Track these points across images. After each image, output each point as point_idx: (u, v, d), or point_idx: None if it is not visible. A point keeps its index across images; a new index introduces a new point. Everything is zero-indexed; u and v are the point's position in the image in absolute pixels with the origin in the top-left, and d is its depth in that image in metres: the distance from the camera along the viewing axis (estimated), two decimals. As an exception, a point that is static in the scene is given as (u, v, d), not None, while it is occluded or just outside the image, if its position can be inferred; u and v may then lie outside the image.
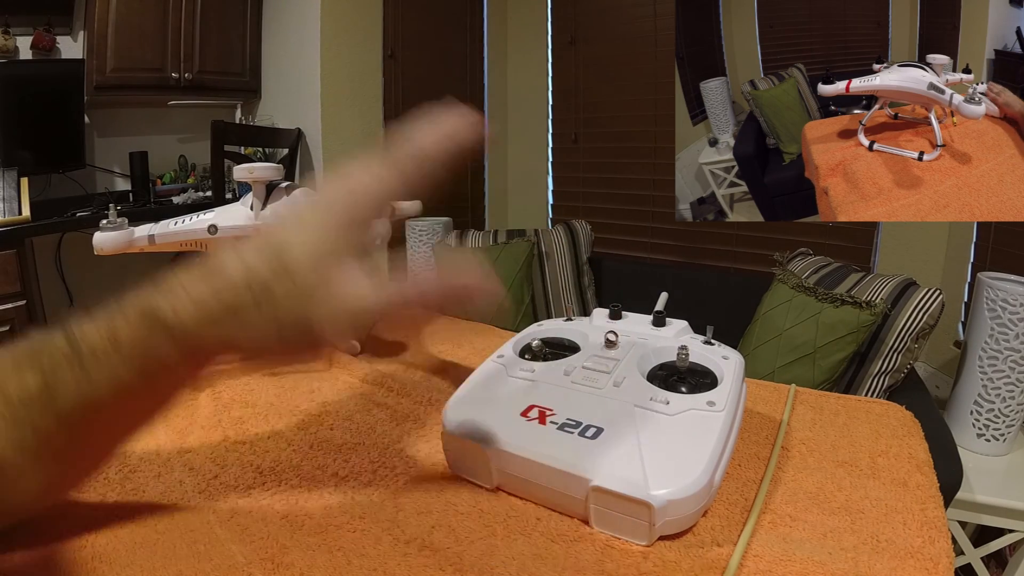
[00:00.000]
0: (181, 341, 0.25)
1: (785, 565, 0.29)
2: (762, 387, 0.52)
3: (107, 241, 0.54)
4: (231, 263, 0.25)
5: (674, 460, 0.31)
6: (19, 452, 0.26)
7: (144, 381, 0.26)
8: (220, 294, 0.25)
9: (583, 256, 2.06)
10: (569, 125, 2.64)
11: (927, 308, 1.23)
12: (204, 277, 0.25)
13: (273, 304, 0.24)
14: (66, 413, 0.26)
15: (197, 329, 0.25)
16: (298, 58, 2.49)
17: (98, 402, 0.26)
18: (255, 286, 0.24)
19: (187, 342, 0.25)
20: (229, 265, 0.25)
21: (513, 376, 0.40)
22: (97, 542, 0.31)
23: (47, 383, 0.26)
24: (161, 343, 0.25)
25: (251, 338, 0.25)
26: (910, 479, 0.37)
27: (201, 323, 0.25)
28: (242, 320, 0.25)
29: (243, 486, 0.36)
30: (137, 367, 0.26)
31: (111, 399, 0.26)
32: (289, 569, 0.29)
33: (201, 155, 2.66)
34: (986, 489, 1.13)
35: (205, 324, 0.25)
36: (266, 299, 0.24)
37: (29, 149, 2.09)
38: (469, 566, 0.29)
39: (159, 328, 0.25)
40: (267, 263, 0.25)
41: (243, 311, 0.24)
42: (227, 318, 0.25)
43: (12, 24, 2.12)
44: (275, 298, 0.24)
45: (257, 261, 0.25)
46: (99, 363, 0.26)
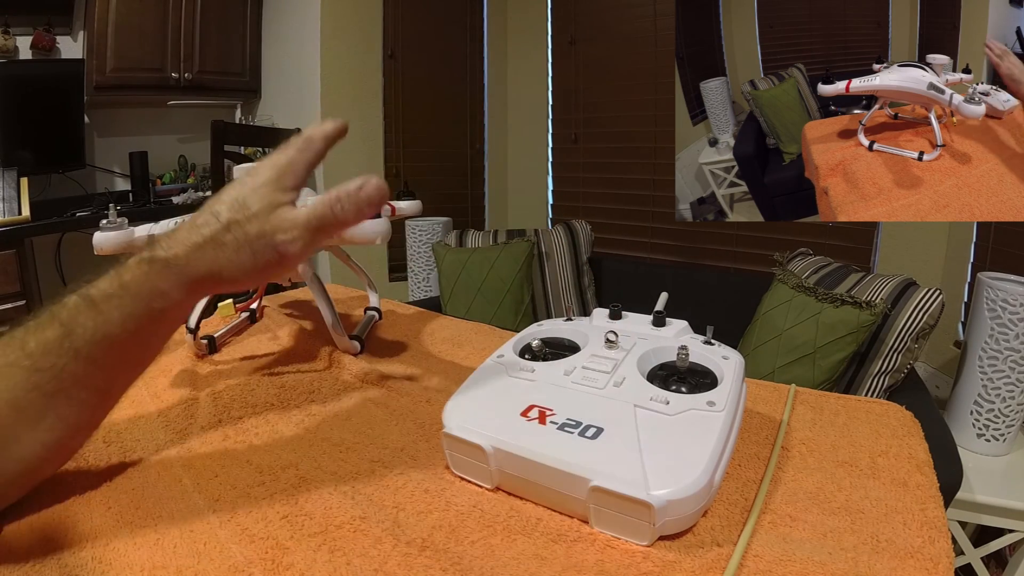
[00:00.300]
0: (176, 270, 0.33)
1: (785, 565, 0.29)
2: (762, 387, 0.52)
3: (107, 241, 0.54)
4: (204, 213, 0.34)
5: (674, 460, 0.31)
6: (37, 392, 0.31)
7: (150, 313, 0.33)
8: (200, 230, 0.33)
9: (583, 256, 2.06)
10: (569, 125, 2.64)
11: (927, 308, 1.23)
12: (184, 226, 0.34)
13: (242, 231, 0.33)
14: (83, 350, 0.32)
15: (187, 259, 0.33)
16: (298, 58, 2.49)
17: (111, 337, 0.32)
18: (225, 223, 0.33)
19: (181, 271, 0.33)
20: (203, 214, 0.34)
21: (513, 376, 0.40)
22: (97, 542, 0.31)
23: (66, 330, 0.31)
24: (161, 276, 0.33)
25: (231, 260, 0.33)
26: (910, 479, 0.37)
27: (189, 254, 0.33)
28: (221, 247, 0.33)
29: (243, 486, 0.36)
30: (144, 300, 0.33)
31: (123, 333, 0.33)
32: (289, 569, 0.29)
33: (201, 155, 2.66)
34: (986, 489, 1.13)
35: (193, 254, 0.33)
36: (235, 229, 0.33)
37: (29, 149, 2.09)
38: (469, 566, 0.29)
39: (157, 264, 0.33)
40: (230, 207, 0.34)
41: (221, 241, 0.33)
42: (209, 247, 0.33)
43: (12, 24, 2.12)
44: (242, 227, 0.33)
45: (222, 208, 0.34)
46: (110, 303, 0.32)
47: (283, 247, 0.33)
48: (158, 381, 0.53)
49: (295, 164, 0.36)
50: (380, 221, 0.49)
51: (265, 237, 0.33)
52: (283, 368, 0.56)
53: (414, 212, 0.69)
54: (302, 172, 0.36)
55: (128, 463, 0.39)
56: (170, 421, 0.45)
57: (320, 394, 0.50)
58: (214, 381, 0.52)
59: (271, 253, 0.33)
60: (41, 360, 0.31)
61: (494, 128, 2.88)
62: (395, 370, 0.56)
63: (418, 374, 0.56)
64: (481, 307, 1.86)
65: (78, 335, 0.31)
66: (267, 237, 0.33)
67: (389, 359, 0.59)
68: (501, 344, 0.45)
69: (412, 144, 2.66)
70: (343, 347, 0.59)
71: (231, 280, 0.34)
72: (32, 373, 0.31)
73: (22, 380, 0.31)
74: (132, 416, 0.46)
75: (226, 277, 0.34)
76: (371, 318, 0.68)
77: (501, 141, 2.92)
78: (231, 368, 0.56)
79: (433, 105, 2.70)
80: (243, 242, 0.33)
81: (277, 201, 0.34)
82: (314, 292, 0.57)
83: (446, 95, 2.73)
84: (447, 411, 0.38)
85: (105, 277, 0.33)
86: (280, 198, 0.34)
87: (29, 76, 2.12)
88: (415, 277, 2.17)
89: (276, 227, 0.33)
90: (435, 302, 1.97)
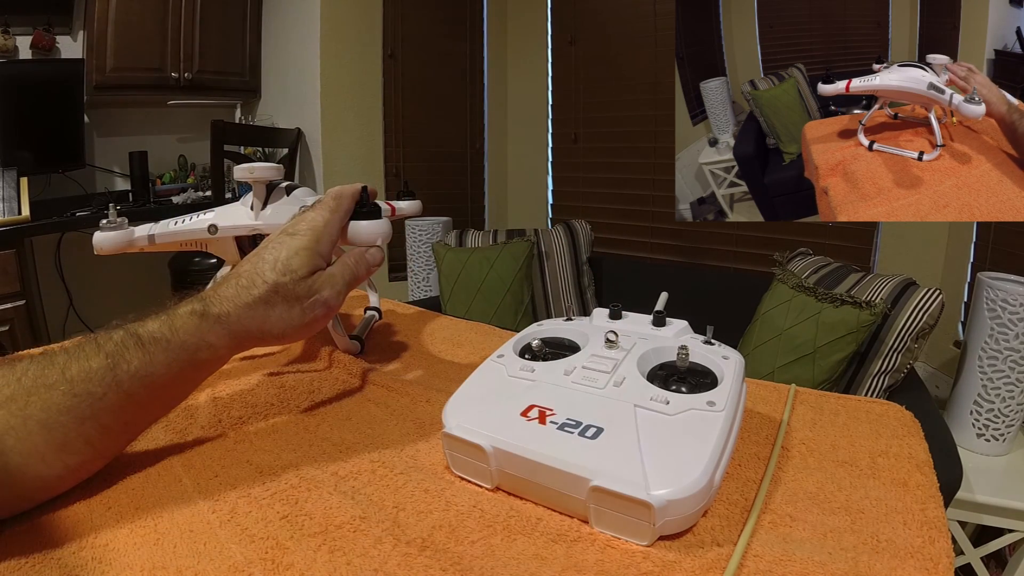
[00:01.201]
0: (226, 327, 0.36)
1: (785, 565, 0.29)
2: (762, 387, 0.52)
3: (107, 241, 0.54)
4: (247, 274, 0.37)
5: (674, 460, 0.31)
6: (70, 416, 0.32)
7: (194, 362, 0.36)
8: (250, 291, 0.37)
9: (583, 256, 2.07)
10: (569, 125, 2.64)
11: (927, 308, 1.23)
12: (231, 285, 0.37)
13: (291, 292, 0.37)
14: (125, 384, 0.33)
15: (238, 317, 0.36)
16: (298, 58, 2.49)
17: (154, 376, 0.34)
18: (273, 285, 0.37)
19: (231, 328, 0.36)
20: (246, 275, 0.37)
21: (513, 376, 0.40)
22: (97, 542, 0.31)
23: (111, 362, 0.33)
24: (211, 331, 0.36)
25: (281, 318, 0.37)
26: (910, 479, 0.37)
27: (241, 313, 0.36)
28: (272, 307, 0.37)
29: (243, 486, 0.36)
30: (191, 350, 0.35)
31: (166, 376, 0.35)
32: (289, 569, 0.29)
33: (201, 155, 2.66)
34: (986, 489, 1.13)
35: (244, 313, 0.36)
36: (283, 291, 0.37)
37: (29, 149, 2.09)
38: (469, 566, 0.29)
39: (209, 320, 0.36)
40: (274, 270, 0.37)
41: (271, 302, 0.37)
42: (260, 307, 0.37)
43: (12, 24, 2.12)
44: (290, 289, 0.37)
45: (266, 269, 0.37)
46: (158, 346, 0.34)
47: (329, 301, 0.39)
48: (158, 381, 0.53)
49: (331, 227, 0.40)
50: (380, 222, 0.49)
51: (312, 296, 0.38)
52: (283, 368, 0.56)
53: (414, 212, 0.69)
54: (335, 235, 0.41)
55: (128, 463, 0.39)
56: (170, 421, 0.45)
57: (320, 394, 0.50)
58: (214, 381, 0.52)
59: (320, 309, 0.38)
60: (80, 386, 0.32)
61: (494, 128, 2.88)
62: (395, 370, 0.56)
63: (418, 374, 0.56)
64: (481, 307, 1.86)
65: (122, 369, 0.33)
66: (314, 296, 0.38)
67: (389, 359, 0.59)
68: (501, 344, 0.45)
69: (412, 144, 2.66)
70: (343, 347, 0.59)
71: (279, 336, 0.38)
72: (69, 398, 0.32)
73: (58, 403, 0.31)
74: (132, 416, 0.46)
75: (275, 333, 0.38)
76: (371, 318, 0.68)
77: (501, 141, 2.92)
78: (231, 368, 0.56)
79: (433, 105, 2.70)
80: (293, 302, 0.37)
81: (318, 265, 0.39)
82: (314, 292, 0.57)
83: (446, 95, 2.73)
84: (447, 411, 0.38)
85: (155, 319, 0.35)
86: (320, 263, 0.39)
87: (29, 76, 2.13)
88: (415, 277, 2.17)
89: (321, 286, 0.38)
90: (435, 302, 1.97)
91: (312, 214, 0.40)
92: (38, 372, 0.32)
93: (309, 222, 0.40)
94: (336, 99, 2.41)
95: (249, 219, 0.55)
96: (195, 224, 0.56)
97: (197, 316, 0.35)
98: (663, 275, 2.11)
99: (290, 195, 0.56)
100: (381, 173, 2.59)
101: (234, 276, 0.38)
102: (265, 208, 0.55)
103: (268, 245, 0.39)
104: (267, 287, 0.36)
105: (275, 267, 0.37)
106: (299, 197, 0.56)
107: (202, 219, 0.56)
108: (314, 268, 0.38)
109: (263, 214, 0.55)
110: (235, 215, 0.56)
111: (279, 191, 0.55)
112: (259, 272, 0.37)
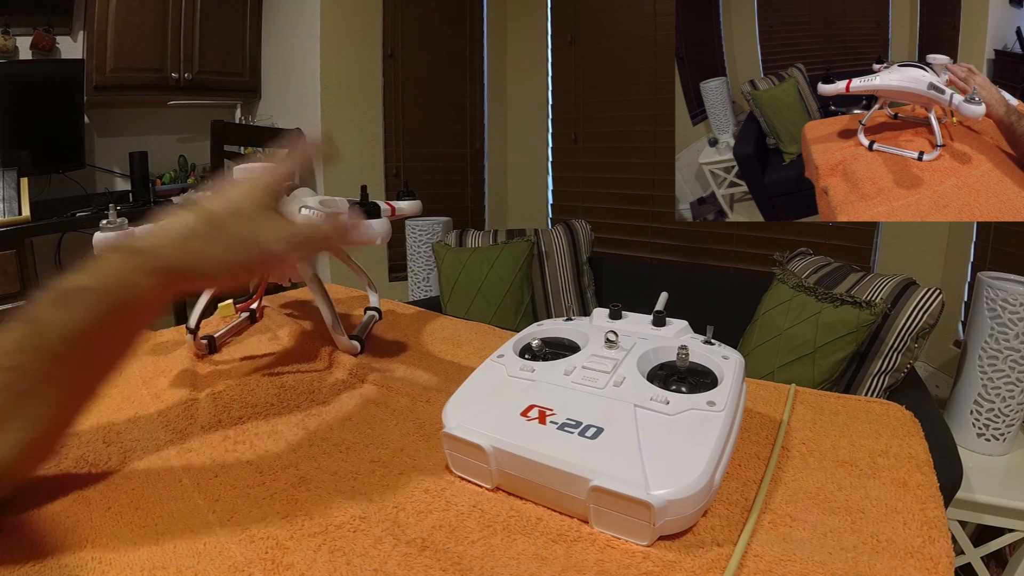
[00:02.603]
0: (151, 261, 0.32)
1: (785, 565, 0.29)
2: (762, 387, 0.52)
3: (107, 241, 0.54)
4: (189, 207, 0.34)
5: (674, 460, 0.31)
6: (6, 392, 0.30)
7: (121, 308, 0.32)
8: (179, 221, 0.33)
9: (583, 256, 2.06)
10: (569, 125, 2.64)
11: (927, 308, 1.23)
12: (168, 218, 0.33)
13: (221, 228, 0.33)
14: (51, 348, 0.31)
15: (164, 250, 0.32)
16: (298, 58, 2.49)
17: (80, 333, 0.31)
18: (207, 217, 0.33)
19: (157, 262, 0.32)
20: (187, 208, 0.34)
21: (513, 376, 0.40)
22: (97, 542, 0.31)
23: (32, 328, 0.31)
24: (135, 267, 0.32)
25: (210, 255, 0.33)
26: (910, 479, 0.37)
27: (166, 245, 0.32)
28: (200, 241, 0.33)
29: (243, 486, 0.36)
30: (116, 294, 0.32)
31: (93, 329, 0.31)
32: (289, 569, 0.29)
33: (201, 155, 2.66)
34: (986, 489, 1.13)
35: (170, 246, 0.32)
36: (216, 225, 0.33)
37: (29, 149, 2.09)
38: (469, 566, 0.29)
39: (132, 253, 0.32)
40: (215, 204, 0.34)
41: (200, 235, 0.33)
42: (188, 240, 0.32)
43: (12, 24, 2.12)
44: (223, 223, 0.33)
45: (207, 203, 0.34)
46: (80, 297, 0.31)
47: (269, 247, 0.34)
48: (158, 381, 0.53)
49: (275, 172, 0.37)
50: (380, 221, 0.49)
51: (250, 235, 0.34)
52: (283, 368, 0.56)
53: (414, 212, 0.69)
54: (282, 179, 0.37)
55: (128, 463, 0.39)
56: (170, 421, 0.45)
57: (320, 394, 0.50)
58: (214, 381, 0.52)
59: (255, 252, 0.34)
60: (7, 359, 0.30)
61: (494, 128, 2.88)
62: (395, 370, 0.56)
63: (418, 374, 0.56)
64: (481, 307, 1.86)
65: (44, 332, 0.31)
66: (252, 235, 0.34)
67: (389, 359, 0.59)
68: (501, 344, 0.45)
69: (412, 144, 2.65)
70: (343, 347, 0.59)
71: (209, 275, 0.34)
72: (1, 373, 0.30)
73: None
74: (132, 416, 0.46)
75: (203, 270, 0.33)
76: (371, 318, 0.68)
77: (501, 141, 2.92)
78: (231, 368, 0.56)
79: (433, 105, 2.70)
80: (225, 236, 0.33)
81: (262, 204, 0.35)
82: (314, 292, 0.57)
83: (446, 95, 2.73)
84: (447, 411, 0.38)
85: (77, 272, 0.32)
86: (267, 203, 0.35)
87: (29, 76, 2.12)
88: (415, 277, 2.17)
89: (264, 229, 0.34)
90: (435, 302, 1.97)
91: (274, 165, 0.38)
92: None
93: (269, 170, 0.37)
94: (336, 99, 2.41)
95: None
96: (195, 224, 0.56)
97: (120, 253, 0.32)
98: (663, 275, 2.11)
99: (289, 195, 0.55)
100: (381, 173, 2.59)
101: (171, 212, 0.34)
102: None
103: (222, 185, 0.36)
104: (197, 217, 0.33)
105: (211, 199, 0.34)
106: (299, 197, 0.56)
107: (202, 219, 0.56)
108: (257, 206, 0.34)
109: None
110: (235, 215, 0.56)
111: (279, 191, 0.55)
112: (195, 204, 0.34)
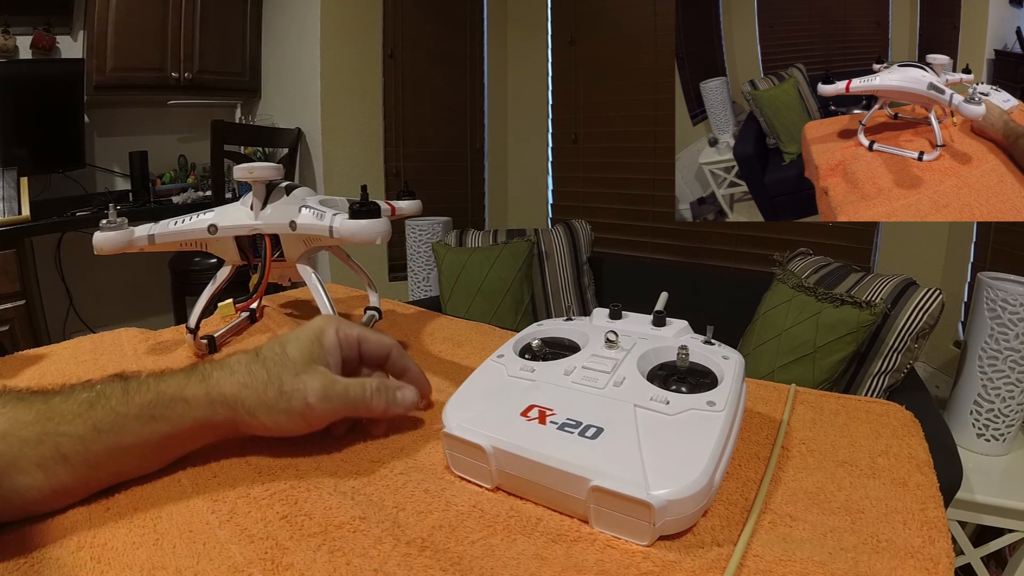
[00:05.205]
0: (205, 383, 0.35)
1: (785, 565, 0.29)
2: (762, 387, 0.52)
3: (107, 241, 0.54)
4: (251, 350, 0.38)
5: (674, 460, 0.31)
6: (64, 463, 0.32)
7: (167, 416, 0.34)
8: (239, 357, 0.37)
9: (583, 256, 2.06)
10: (569, 125, 2.64)
11: (927, 308, 1.23)
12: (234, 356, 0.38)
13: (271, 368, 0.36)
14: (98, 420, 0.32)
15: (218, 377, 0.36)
16: (298, 58, 2.49)
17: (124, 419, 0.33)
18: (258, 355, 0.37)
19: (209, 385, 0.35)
20: (249, 351, 0.38)
21: (513, 376, 0.40)
22: (96, 543, 0.31)
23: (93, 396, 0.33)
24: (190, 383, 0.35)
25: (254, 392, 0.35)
26: (910, 479, 0.37)
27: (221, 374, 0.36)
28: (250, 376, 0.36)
29: (242, 486, 0.36)
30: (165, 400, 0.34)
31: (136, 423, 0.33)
32: (289, 569, 0.29)
33: (201, 155, 2.66)
34: (986, 489, 1.13)
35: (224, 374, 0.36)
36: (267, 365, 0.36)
37: (29, 149, 2.09)
38: (469, 566, 0.29)
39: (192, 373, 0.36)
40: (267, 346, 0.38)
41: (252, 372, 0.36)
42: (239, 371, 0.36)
43: (12, 24, 2.12)
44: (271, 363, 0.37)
45: (264, 347, 0.38)
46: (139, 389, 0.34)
47: (310, 401, 0.36)
48: (158, 381, 0.53)
49: (341, 329, 0.40)
50: (380, 221, 0.49)
51: (295, 386, 0.36)
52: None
53: (414, 212, 0.69)
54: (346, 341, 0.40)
55: (128, 463, 0.39)
56: (170, 421, 0.45)
57: (320, 394, 0.50)
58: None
59: (298, 402, 0.36)
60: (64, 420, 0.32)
61: (494, 128, 2.88)
62: (395, 370, 0.56)
63: (418, 374, 0.55)
64: (481, 307, 1.86)
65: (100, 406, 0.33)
66: (298, 387, 0.36)
67: (389, 359, 0.59)
68: (501, 344, 0.45)
69: (412, 144, 2.66)
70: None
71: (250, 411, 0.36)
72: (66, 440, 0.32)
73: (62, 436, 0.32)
74: (132, 416, 0.46)
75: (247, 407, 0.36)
76: (371, 318, 0.68)
77: (501, 141, 2.92)
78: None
79: (433, 105, 2.70)
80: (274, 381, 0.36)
81: (316, 357, 0.38)
82: (314, 292, 0.57)
83: (446, 95, 2.73)
84: (447, 411, 0.38)
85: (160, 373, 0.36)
86: (321, 357, 0.38)
87: (29, 76, 2.13)
88: (415, 277, 2.17)
89: (311, 383, 0.36)
90: (435, 302, 1.97)
91: (330, 319, 0.41)
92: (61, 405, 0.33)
93: (322, 319, 0.40)
94: (336, 99, 2.41)
95: (249, 219, 0.55)
96: (195, 224, 0.56)
97: (185, 370, 0.36)
98: (663, 275, 2.11)
99: (290, 195, 0.56)
100: (381, 173, 2.59)
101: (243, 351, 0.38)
102: (265, 208, 0.55)
103: (284, 335, 0.40)
104: (251, 356, 0.37)
105: (270, 344, 0.38)
106: (299, 197, 0.56)
107: (202, 219, 0.56)
108: (310, 358, 0.37)
109: (263, 214, 0.55)
110: (235, 215, 0.56)
111: (279, 191, 0.56)
112: (256, 347, 0.38)
